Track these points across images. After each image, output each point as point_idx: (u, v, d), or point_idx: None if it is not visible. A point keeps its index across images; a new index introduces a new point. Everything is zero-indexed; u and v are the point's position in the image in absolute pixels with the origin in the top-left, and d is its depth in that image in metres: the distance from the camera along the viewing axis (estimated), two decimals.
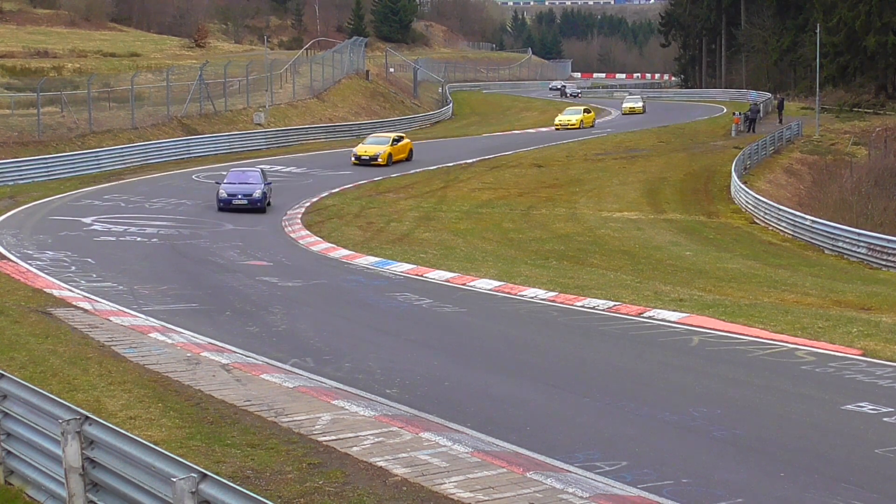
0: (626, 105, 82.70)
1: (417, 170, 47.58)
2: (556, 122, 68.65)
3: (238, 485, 7.54)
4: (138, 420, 11.48)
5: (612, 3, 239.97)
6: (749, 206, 38.87)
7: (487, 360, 15.87)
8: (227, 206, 34.25)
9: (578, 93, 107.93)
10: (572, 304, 20.30)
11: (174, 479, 7.36)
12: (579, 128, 66.69)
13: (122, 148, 48.42)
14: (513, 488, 9.75)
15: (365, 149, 49.04)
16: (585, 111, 70.63)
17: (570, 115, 69.40)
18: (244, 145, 55.67)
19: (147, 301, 20.07)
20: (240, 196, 34.42)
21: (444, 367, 15.18)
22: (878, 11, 68.04)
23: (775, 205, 37.28)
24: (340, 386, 13.88)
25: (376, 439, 11.17)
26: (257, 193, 34.50)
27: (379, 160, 47.92)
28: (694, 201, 41.10)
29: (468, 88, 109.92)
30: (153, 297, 20.60)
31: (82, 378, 13.23)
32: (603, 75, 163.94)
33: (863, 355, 15.61)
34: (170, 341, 16.23)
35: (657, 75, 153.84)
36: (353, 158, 48.65)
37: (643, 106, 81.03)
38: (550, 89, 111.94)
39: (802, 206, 41.03)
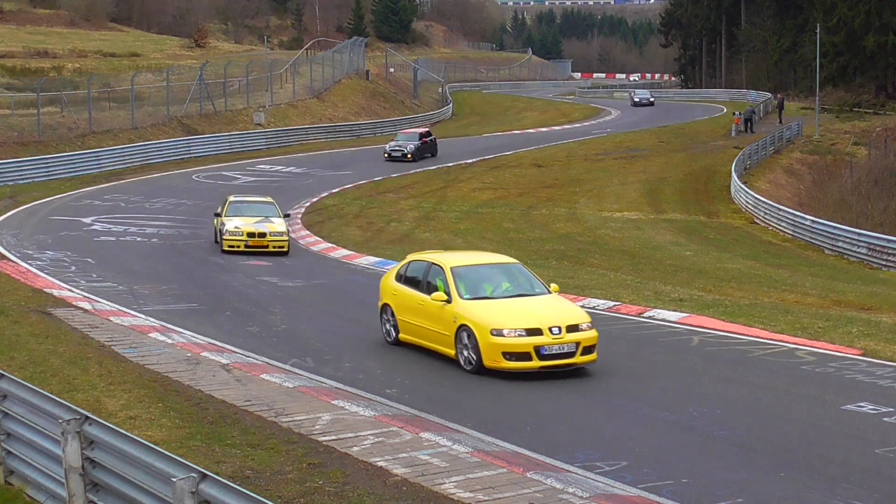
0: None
1: (417, 170, 47.61)
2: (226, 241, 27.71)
3: (238, 485, 7.53)
4: (138, 420, 11.47)
5: (612, 3, 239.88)
6: (749, 206, 38.87)
7: None
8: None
9: (651, 100, 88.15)
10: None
11: (174, 479, 7.36)
12: (268, 249, 27.77)
13: (122, 148, 48.45)
14: (513, 488, 9.74)
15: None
16: (282, 216, 29.38)
17: (251, 223, 28.01)
18: (244, 145, 55.70)
19: (147, 301, 20.06)
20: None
21: (444, 367, 15.16)
22: (878, 11, 68.05)
23: (775, 205, 37.28)
24: (340, 386, 13.88)
25: (376, 439, 11.16)
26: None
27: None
28: (694, 201, 41.11)
29: (468, 88, 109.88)
30: (153, 297, 20.60)
31: (82, 378, 13.23)
32: (603, 75, 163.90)
33: (863, 355, 15.60)
34: (170, 341, 16.23)
35: (657, 75, 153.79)
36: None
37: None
38: (636, 103, 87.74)
39: (802, 206, 41.04)
